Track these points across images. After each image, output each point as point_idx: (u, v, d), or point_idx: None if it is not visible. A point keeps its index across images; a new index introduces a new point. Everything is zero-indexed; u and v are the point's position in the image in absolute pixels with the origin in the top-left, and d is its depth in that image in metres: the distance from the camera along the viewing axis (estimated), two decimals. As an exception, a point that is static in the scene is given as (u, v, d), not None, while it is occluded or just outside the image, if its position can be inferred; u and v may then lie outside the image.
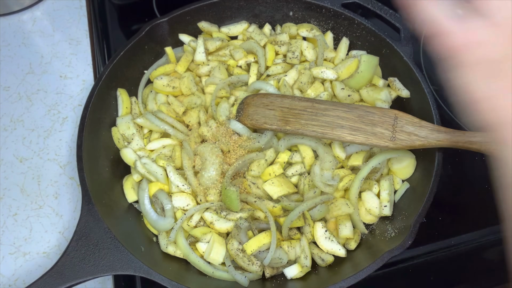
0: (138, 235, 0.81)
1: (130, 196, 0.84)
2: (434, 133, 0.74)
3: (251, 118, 0.85)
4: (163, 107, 0.90)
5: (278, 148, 0.86)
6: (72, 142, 0.97)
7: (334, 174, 0.84)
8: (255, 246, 0.75)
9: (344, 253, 0.78)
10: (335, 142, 0.85)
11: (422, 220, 0.74)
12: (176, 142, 0.88)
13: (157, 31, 0.93)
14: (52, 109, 1.01)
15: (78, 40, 1.10)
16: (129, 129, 0.89)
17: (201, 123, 0.89)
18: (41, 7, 1.15)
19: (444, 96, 0.99)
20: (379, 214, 0.82)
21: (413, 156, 0.83)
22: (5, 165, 0.94)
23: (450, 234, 0.85)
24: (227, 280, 0.76)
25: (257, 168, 0.83)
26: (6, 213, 0.90)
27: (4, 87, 1.04)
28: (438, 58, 0.48)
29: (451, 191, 0.88)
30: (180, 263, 0.79)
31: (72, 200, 0.91)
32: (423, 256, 0.84)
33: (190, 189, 0.83)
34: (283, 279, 0.78)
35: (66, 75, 1.06)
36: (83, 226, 0.74)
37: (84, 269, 0.70)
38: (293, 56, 0.94)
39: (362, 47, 0.96)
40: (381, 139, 0.76)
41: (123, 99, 0.91)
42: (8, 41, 1.10)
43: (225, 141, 0.84)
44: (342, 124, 0.78)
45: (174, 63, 0.95)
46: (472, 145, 0.69)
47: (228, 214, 0.79)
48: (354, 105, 0.81)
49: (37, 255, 0.86)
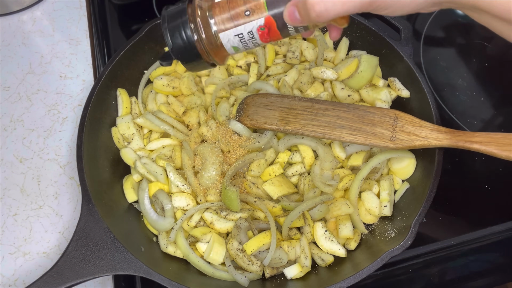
0: (138, 235, 0.81)
1: (130, 196, 0.84)
2: (434, 133, 0.74)
3: (251, 118, 0.85)
4: (163, 107, 0.90)
5: (278, 148, 0.86)
6: (72, 142, 0.97)
7: (334, 174, 0.84)
8: (255, 246, 0.75)
9: (344, 253, 0.78)
10: (335, 142, 0.85)
11: (422, 220, 0.74)
12: (176, 142, 0.88)
13: (157, 31, 0.93)
14: (52, 109, 1.01)
15: (78, 40, 1.10)
16: (129, 129, 0.89)
17: (201, 123, 0.89)
18: (41, 7, 1.15)
19: (444, 96, 0.99)
20: (379, 214, 0.82)
21: (413, 156, 0.83)
22: (5, 165, 0.94)
23: (450, 234, 0.85)
24: (227, 280, 0.76)
25: (257, 168, 0.83)
26: (6, 213, 0.90)
27: (4, 87, 1.04)
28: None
29: (451, 191, 0.88)
30: (180, 263, 0.79)
31: (72, 200, 0.91)
32: (423, 256, 0.84)
33: (190, 189, 0.83)
34: (283, 279, 0.78)
35: (66, 75, 1.06)
36: (83, 226, 0.74)
37: (84, 269, 0.70)
38: (293, 56, 0.94)
39: (362, 47, 0.96)
40: (381, 139, 0.76)
41: (123, 99, 0.91)
42: (8, 41, 1.10)
43: (225, 141, 0.85)
44: (342, 124, 0.78)
45: (174, 63, 0.95)
46: (472, 145, 0.69)
47: (228, 214, 0.79)
48: (354, 105, 0.81)
49: (37, 255, 0.86)
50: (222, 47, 0.60)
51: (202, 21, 0.58)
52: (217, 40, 0.59)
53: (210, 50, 0.60)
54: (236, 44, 0.59)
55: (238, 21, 0.57)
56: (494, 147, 0.67)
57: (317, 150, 0.85)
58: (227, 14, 0.57)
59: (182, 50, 0.60)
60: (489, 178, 0.91)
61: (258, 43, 0.60)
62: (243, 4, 0.56)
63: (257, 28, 0.57)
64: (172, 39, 0.59)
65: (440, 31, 1.10)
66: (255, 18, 0.56)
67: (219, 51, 0.61)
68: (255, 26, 0.57)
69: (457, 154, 0.91)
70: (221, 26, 0.58)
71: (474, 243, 0.85)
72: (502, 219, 0.86)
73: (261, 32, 0.57)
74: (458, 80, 1.02)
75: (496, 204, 0.89)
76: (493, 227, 0.86)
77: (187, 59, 0.62)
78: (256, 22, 0.56)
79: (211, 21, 0.58)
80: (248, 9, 0.56)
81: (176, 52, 0.60)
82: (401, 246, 0.71)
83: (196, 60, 0.61)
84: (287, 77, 0.91)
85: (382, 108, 0.81)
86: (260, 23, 0.56)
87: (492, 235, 0.85)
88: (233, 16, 0.57)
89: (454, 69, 1.04)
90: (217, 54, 0.61)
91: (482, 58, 1.05)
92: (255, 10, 0.56)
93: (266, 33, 0.57)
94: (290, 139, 0.85)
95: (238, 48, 0.60)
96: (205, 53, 0.60)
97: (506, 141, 0.67)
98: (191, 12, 0.59)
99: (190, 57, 0.61)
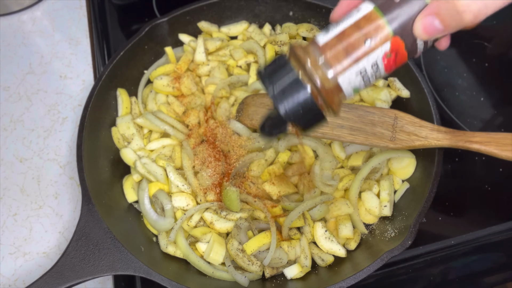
0: (138, 235, 0.81)
1: (130, 196, 0.84)
2: (434, 133, 0.74)
3: (251, 118, 0.85)
4: (163, 107, 0.90)
5: (278, 148, 0.86)
6: (72, 142, 0.97)
7: (334, 174, 0.84)
8: (255, 246, 0.75)
9: (344, 253, 0.78)
10: (335, 142, 0.85)
11: (422, 220, 0.74)
12: (176, 142, 0.88)
13: (157, 31, 0.93)
14: (52, 109, 1.01)
15: (78, 40, 1.10)
16: (129, 129, 0.89)
17: (201, 123, 0.89)
18: (41, 7, 1.15)
19: (444, 96, 0.99)
20: (379, 214, 0.82)
21: (413, 156, 0.83)
22: (5, 165, 0.94)
23: (450, 234, 0.85)
24: (227, 280, 0.76)
25: (257, 168, 0.83)
26: (6, 213, 0.90)
27: (4, 87, 1.04)
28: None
29: (451, 191, 0.88)
30: (180, 263, 0.79)
31: (72, 200, 0.91)
32: (423, 256, 0.84)
33: (190, 189, 0.83)
34: (283, 279, 0.78)
35: (66, 75, 1.06)
36: (83, 226, 0.74)
37: (84, 269, 0.70)
38: (293, 56, 0.93)
39: (362, 47, 0.96)
40: (381, 139, 0.76)
41: (123, 99, 0.91)
42: (8, 41, 1.10)
43: (225, 141, 0.84)
44: (342, 124, 0.78)
45: (174, 63, 0.95)
46: (472, 145, 0.69)
47: (228, 214, 0.79)
48: (354, 105, 0.81)
49: (37, 255, 0.86)
50: (341, 93, 0.49)
51: (313, 67, 0.47)
52: (335, 86, 0.48)
53: (328, 98, 0.48)
54: (358, 84, 0.48)
55: (358, 55, 0.46)
56: (494, 147, 0.67)
57: (317, 150, 0.85)
58: (342, 51, 0.47)
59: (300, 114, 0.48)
60: (489, 178, 0.91)
61: (381, 75, 0.49)
62: (359, 33, 0.46)
63: (383, 57, 0.47)
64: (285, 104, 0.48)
65: (440, 31, 1.09)
66: (378, 45, 0.46)
67: (337, 98, 0.49)
68: (380, 55, 0.46)
69: (457, 154, 0.91)
70: (338, 68, 0.47)
71: (474, 243, 0.85)
72: (502, 219, 0.86)
73: (387, 60, 0.47)
74: (458, 80, 1.02)
75: (496, 204, 0.89)
76: (493, 227, 0.86)
77: (308, 121, 0.50)
78: (381, 49, 0.46)
79: (325, 68, 0.47)
80: (368, 37, 0.46)
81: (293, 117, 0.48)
82: (401, 246, 0.71)
83: (318, 118, 0.50)
84: (287, 77, 0.91)
85: (382, 108, 0.81)
86: (386, 49, 0.46)
87: (492, 235, 0.85)
88: (351, 51, 0.46)
89: (454, 69, 1.04)
90: (335, 103, 0.49)
91: (482, 58, 1.05)
92: (377, 34, 0.46)
93: (393, 60, 0.47)
94: (290, 139, 0.85)
95: (359, 88, 0.49)
96: (324, 107, 0.49)
97: (506, 141, 0.67)
98: (297, 64, 0.48)
99: (311, 117, 0.49)
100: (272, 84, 0.48)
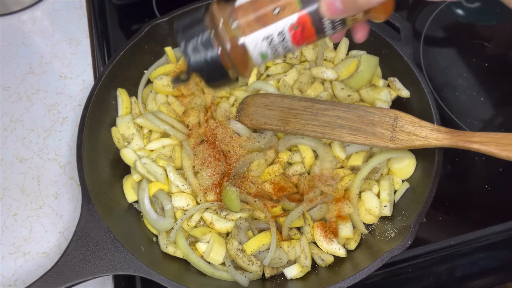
0: (138, 235, 0.81)
1: (130, 196, 0.84)
2: (434, 133, 0.74)
3: (251, 118, 0.85)
4: (163, 107, 0.90)
5: (278, 148, 0.86)
6: (72, 142, 0.97)
7: (334, 174, 0.84)
8: (255, 246, 0.75)
9: (344, 253, 0.78)
10: (335, 142, 0.85)
11: (422, 220, 0.74)
12: (176, 142, 0.88)
13: (157, 31, 0.93)
14: (52, 109, 1.01)
15: (78, 40, 1.10)
16: (129, 129, 0.89)
17: (201, 123, 0.89)
18: (41, 7, 1.15)
19: (444, 96, 0.99)
20: (379, 214, 0.82)
21: (413, 156, 0.83)
22: (5, 165, 0.94)
23: (450, 234, 0.85)
24: (227, 280, 0.76)
25: (257, 168, 0.83)
26: (6, 213, 0.90)
27: (4, 87, 1.04)
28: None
29: (451, 191, 0.88)
30: (180, 263, 0.79)
31: (72, 200, 0.91)
32: (423, 256, 0.84)
33: (190, 189, 0.83)
34: (283, 279, 0.78)
35: (66, 75, 1.06)
36: (83, 226, 0.74)
37: (84, 269, 0.70)
38: (293, 56, 0.94)
39: (362, 47, 0.96)
40: (381, 139, 0.76)
41: (123, 99, 0.91)
42: (8, 41, 1.10)
43: (225, 141, 0.85)
44: (342, 124, 0.78)
45: (174, 63, 0.95)
46: (472, 145, 0.69)
47: (228, 214, 0.79)
48: (354, 105, 0.81)
49: (37, 255, 0.86)
50: (248, 55, 0.52)
51: (224, 28, 0.51)
52: (243, 48, 0.52)
53: (235, 60, 0.52)
54: (265, 50, 0.52)
55: (266, 22, 0.50)
56: (494, 147, 0.67)
57: (317, 150, 0.85)
58: (253, 15, 0.50)
59: (204, 65, 0.52)
60: (489, 178, 0.91)
61: (289, 47, 0.52)
62: (271, 2, 0.50)
63: (289, 27, 0.50)
64: (191, 53, 0.51)
65: (440, 31, 1.10)
66: (286, 15, 0.50)
67: (245, 62, 0.53)
68: (287, 25, 0.50)
69: (457, 154, 0.91)
70: (246, 30, 0.51)
71: (474, 243, 0.85)
72: (502, 219, 0.86)
73: (294, 32, 0.51)
74: (458, 80, 1.02)
75: (496, 204, 0.89)
76: (493, 227, 0.86)
77: (211, 75, 0.54)
78: (288, 19, 0.50)
79: (234, 26, 0.51)
80: (277, 7, 0.49)
81: (197, 67, 0.52)
82: (401, 246, 0.71)
83: (221, 75, 0.53)
84: (287, 77, 0.91)
85: (382, 108, 0.81)
86: (292, 20, 0.50)
87: (492, 235, 0.85)
88: (260, 16, 0.50)
89: (454, 69, 1.04)
90: (243, 65, 0.53)
91: (482, 58, 1.05)
92: (286, 6, 0.49)
93: (299, 33, 0.51)
94: (290, 139, 0.85)
95: (266, 56, 0.53)
96: (230, 65, 0.53)
97: (506, 141, 0.67)
98: (210, 20, 0.52)
99: (214, 71, 0.53)
100: (185, 39, 0.52)
